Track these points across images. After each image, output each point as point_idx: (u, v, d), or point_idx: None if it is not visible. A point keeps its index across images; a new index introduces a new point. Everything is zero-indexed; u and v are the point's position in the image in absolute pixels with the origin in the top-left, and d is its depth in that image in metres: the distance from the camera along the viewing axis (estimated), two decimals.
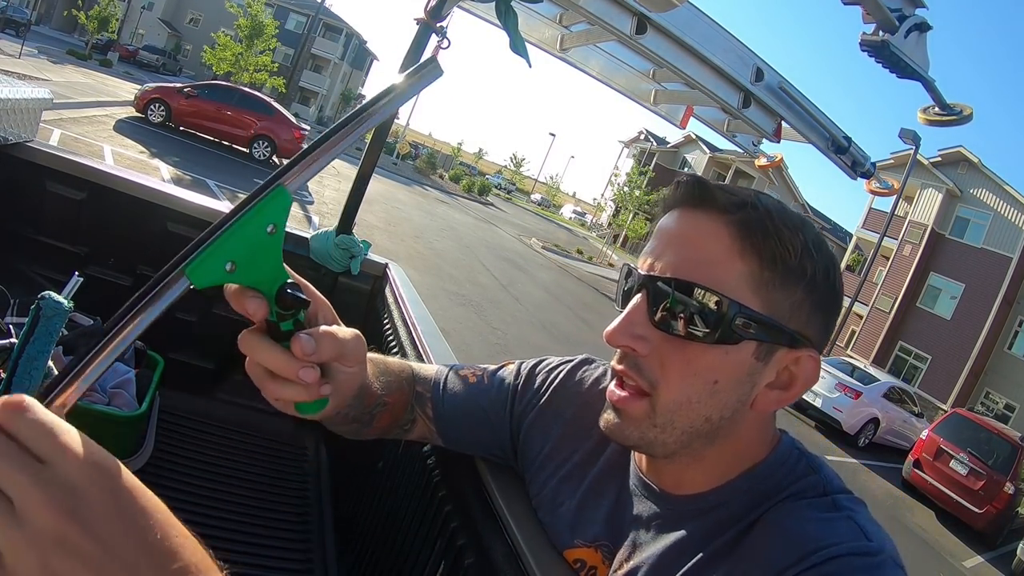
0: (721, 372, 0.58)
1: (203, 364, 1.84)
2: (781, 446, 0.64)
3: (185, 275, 0.41)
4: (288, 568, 1.40)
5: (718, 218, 0.59)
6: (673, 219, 0.62)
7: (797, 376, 0.61)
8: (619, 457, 0.74)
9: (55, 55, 20.40)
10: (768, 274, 0.58)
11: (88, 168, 1.74)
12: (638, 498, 0.69)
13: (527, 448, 0.83)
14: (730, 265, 0.58)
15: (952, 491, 9.58)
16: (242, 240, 0.43)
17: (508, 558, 0.76)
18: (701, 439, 0.61)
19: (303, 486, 1.70)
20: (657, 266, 0.61)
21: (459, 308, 8.57)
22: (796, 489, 0.59)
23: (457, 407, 0.86)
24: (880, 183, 3.12)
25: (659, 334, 0.59)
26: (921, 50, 1.72)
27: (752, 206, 0.59)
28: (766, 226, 0.58)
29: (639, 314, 0.60)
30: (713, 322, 0.57)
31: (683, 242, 0.60)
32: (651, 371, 0.60)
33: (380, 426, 0.82)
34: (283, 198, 0.44)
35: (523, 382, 0.87)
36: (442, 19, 1.68)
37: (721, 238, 0.58)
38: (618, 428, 0.63)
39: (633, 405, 0.61)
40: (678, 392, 0.59)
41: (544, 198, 69.27)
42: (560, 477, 0.78)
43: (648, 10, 1.45)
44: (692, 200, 0.61)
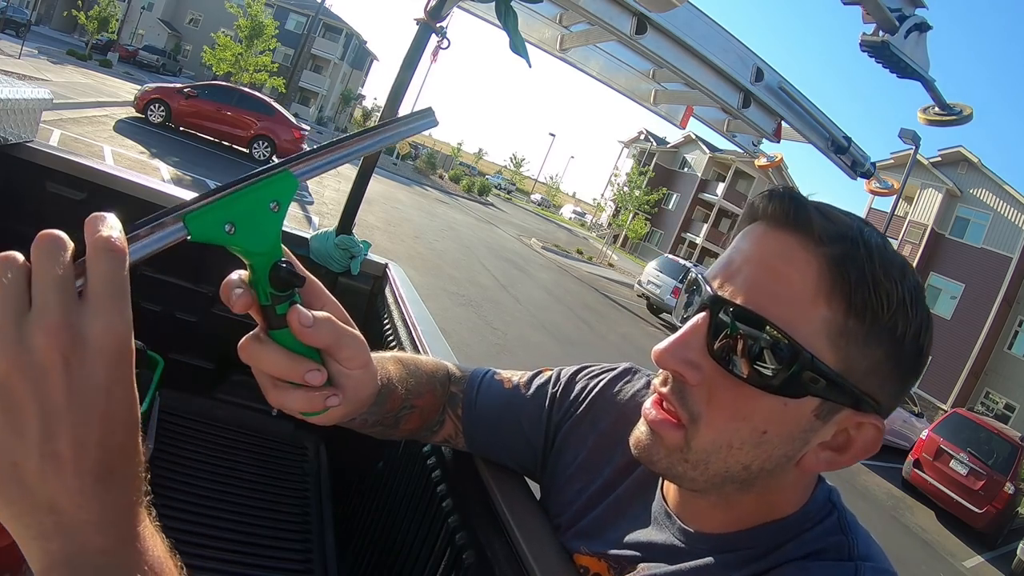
0: (773, 423, 0.52)
1: (203, 364, 1.84)
2: (816, 496, 0.58)
3: (183, 222, 0.41)
4: (288, 568, 1.40)
5: (810, 248, 0.51)
6: (757, 236, 0.55)
7: (855, 441, 0.54)
8: (649, 477, 0.71)
9: (55, 55, 20.40)
10: (853, 325, 0.50)
11: (88, 168, 1.74)
12: (657, 524, 0.65)
13: (560, 457, 0.80)
14: (812, 307, 0.50)
15: (952, 491, 9.58)
16: (246, 204, 0.43)
17: (508, 558, 0.76)
18: (735, 484, 0.55)
19: (303, 486, 1.70)
20: (728, 288, 0.53)
21: (459, 308, 8.57)
22: (819, 547, 0.54)
23: (490, 411, 0.83)
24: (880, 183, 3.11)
25: (713, 365, 0.52)
26: (921, 50, 1.72)
27: (852, 241, 0.51)
28: (863, 268, 0.50)
29: (696, 337, 0.53)
30: (778, 369, 0.50)
31: (763, 267, 0.52)
32: (696, 403, 0.54)
33: (408, 428, 0.79)
34: (290, 181, 0.44)
35: (562, 389, 0.83)
36: (442, 19, 1.68)
37: (808, 273, 0.50)
38: (647, 450, 0.57)
39: (668, 430, 0.55)
40: (719, 434, 0.53)
41: (544, 198, 69.29)
42: (592, 491, 0.74)
43: (648, 10, 1.45)
44: (784, 219, 0.53)
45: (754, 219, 0.56)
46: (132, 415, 0.35)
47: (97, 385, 0.33)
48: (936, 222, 24.60)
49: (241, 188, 0.43)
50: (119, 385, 0.34)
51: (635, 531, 0.67)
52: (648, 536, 0.65)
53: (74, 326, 0.33)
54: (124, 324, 0.35)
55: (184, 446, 1.63)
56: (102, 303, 0.34)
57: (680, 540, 0.62)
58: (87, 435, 0.33)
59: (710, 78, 1.65)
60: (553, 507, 0.79)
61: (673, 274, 15.68)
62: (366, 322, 1.86)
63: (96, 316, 0.34)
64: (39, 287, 0.33)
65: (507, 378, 0.86)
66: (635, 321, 14.99)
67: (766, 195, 0.55)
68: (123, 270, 0.35)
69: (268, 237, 0.45)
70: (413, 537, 1.02)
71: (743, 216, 0.59)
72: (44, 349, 0.32)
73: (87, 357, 0.33)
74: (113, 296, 0.34)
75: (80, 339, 0.33)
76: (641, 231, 34.36)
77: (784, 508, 0.57)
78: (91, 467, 0.33)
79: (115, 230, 0.36)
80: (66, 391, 0.32)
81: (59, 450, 0.32)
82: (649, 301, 16.52)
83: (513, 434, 0.83)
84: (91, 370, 0.33)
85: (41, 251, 0.34)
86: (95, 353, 0.33)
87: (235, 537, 1.41)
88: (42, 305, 0.33)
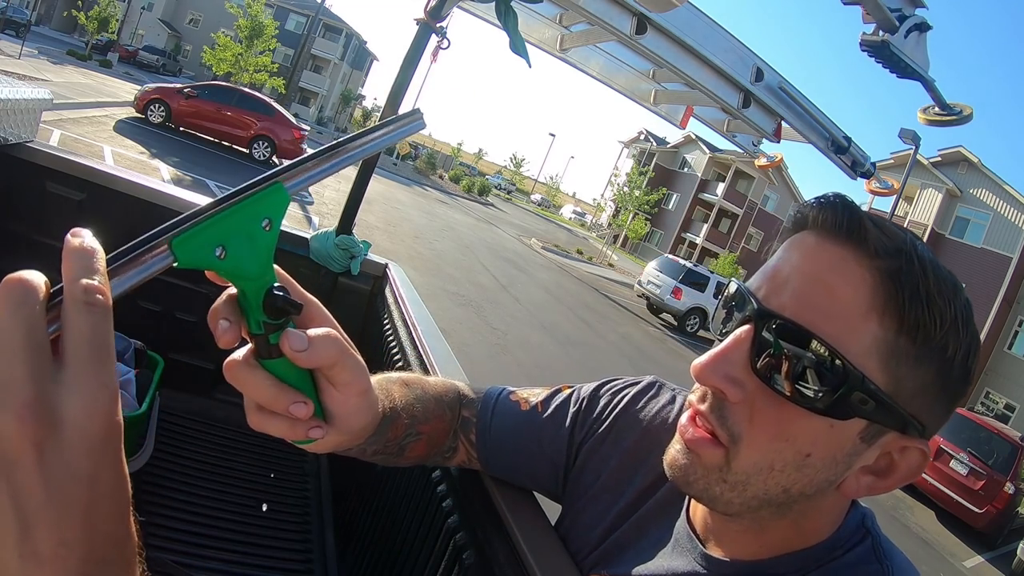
0: (817, 446, 0.49)
1: (203, 364, 1.84)
2: (848, 521, 0.56)
3: (170, 248, 0.36)
4: (288, 568, 1.40)
5: (864, 261, 0.48)
6: (807, 246, 0.51)
7: (898, 466, 0.51)
8: (673, 497, 0.68)
9: (55, 56, 20.40)
10: (904, 344, 0.47)
11: (88, 168, 1.74)
12: (679, 548, 0.63)
13: (582, 476, 0.77)
14: (864, 325, 0.47)
15: (952, 491, 9.58)
16: (237, 224, 0.39)
17: (508, 558, 0.76)
18: (771, 508, 0.52)
19: (303, 486, 1.70)
20: (775, 300, 0.50)
21: (459, 308, 8.57)
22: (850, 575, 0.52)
23: (507, 435, 0.80)
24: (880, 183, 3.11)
25: (757, 382, 0.50)
26: (921, 50, 1.72)
27: (907, 255, 0.48)
28: (917, 285, 0.47)
29: (739, 353, 0.50)
30: (827, 389, 0.47)
31: (813, 280, 0.49)
32: (737, 422, 0.51)
33: (414, 455, 0.76)
34: (281, 195, 0.41)
35: (584, 406, 0.80)
36: (442, 19, 1.68)
37: (861, 288, 0.48)
38: (683, 471, 0.53)
39: (706, 449, 0.52)
40: (761, 455, 0.50)
41: (544, 198, 69.29)
42: (614, 512, 0.72)
43: (648, 10, 1.45)
44: (837, 229, 0.50)
45: (802, 227, 0.53)
46: (122, 498, 0.31)
47: (78, 475, 0.29)
48: (936, 222, 24.60)
49: (230, 206, 0.39)
50: (106, 471, 0.30)
51: (656, 554, 0.65)
52: (669, 561, 0.63)
53: (48, 404, 0.28)
54: (108, 397, 0.30)
55: (184, 446, 1.63)
56: (82, 373, 0.29)
57: (702, 566, 0.59)
58: (70, 531, 0.29)
59: (710, 78, 1.65)
60: (573, 529, 0.76)
61: (673, 274, 15.69)
62: (366, 322, 1.86)
63: (75, 390, 0.29)
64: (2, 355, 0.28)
65: (523, 399, 0.83)
66: (635, 321, 14.99)
67: (817, 203, 0.52)
68: (107, 325, 0.30)
69: (261, 259, 0.42)
70: (413, 537, 1.02)
71: (790, 223, 0.55)
72: (13, 436, 0.27)
73: (65, 443, 0.28)
74: (95, 362, 0.29)
75: (56, 421, 0.28)
76: (641, 231, 34.36)
77: (817, 534, 0.55)
78: (77, 565, 0.29)
79: (97, 273, 0.31)
80: (43, 485, 0.28)
81: (39, 551, 0.28)
82: (649, 301, 16.52)
83: (532, 457, 0.80)
84: (70, 458, 0.28)
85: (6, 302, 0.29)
86: (75, 438, 0.29)
87: (235, 537, 1.41)
88: (7, 380, 0.27)
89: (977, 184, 24.48)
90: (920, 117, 2.16)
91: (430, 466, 1.03)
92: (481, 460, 0.82)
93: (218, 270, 0.40)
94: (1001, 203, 23.72)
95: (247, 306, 0.43)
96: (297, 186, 0.43)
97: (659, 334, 14.43)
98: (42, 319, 0.29)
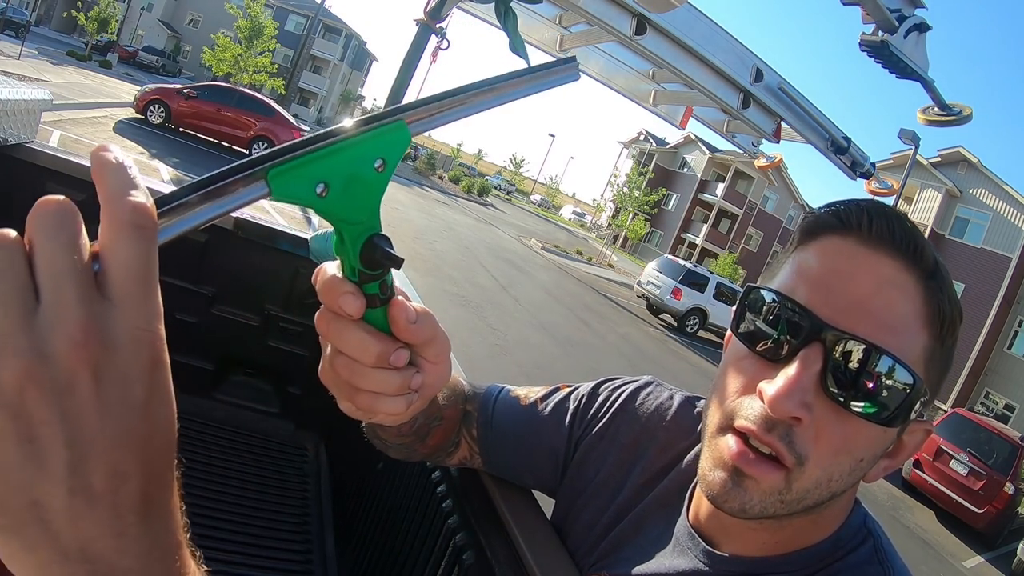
0: (870, 450, 0.51)
1: (203, 364, 1.84)
2: (851, 522, 0.57)
3: (265, 179, 0.32)
4: (288, 568, 1.40)
5: (914, 272, 0.49)
6: (860, 257, 0.50)
7: (907, 445, 0.54)
8: (671, 498, 0.68)
9: (55, 56, 20.40)
10: (938, 348, 0.50)
11: (88, 169, 1.73)
12: (680, 547, 0.62)
13: (580, 471, 0.77)
14: (917, 336, 0.49)
15: (952, 491, 9.58)
16: (347, 160, 0.35)
17: (508, 558, 0.76)
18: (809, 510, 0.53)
19: (303, 486, 1.70)
20: (842, 318, 0.49)
21: (459, 309, 8.57)
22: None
23: (508, 429, 0.80)
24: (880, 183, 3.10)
25: (827, 403, 0.49)
26: (920, 50, 1.72)
27: (941, 265, 0.50)
28: (948, 295, 0.50)
29: (810, 377, 0.48)
30: (897, 403, 0.48)
31: (874, 294, 0.49)
32: (804, 444, 0.49)
33: (433, 444, 0.77)
34: (403, 133, 0.37)
35: (583, 403, 0.81)
36: (442, 20, 1.68)
37: (916, 300, 0.49)
38: (736, 499, 0.50)
39: (767, 475, 0.49)
40: (823, 471, 0.50)
41: (544, 199, 69.31)
42: (612, 509, 0.72)
43: (647, 11, 1.45)
44: (891, 239, 0.50)
45: (837, 232, 0.52)
46: (171, 435, 0.30)
47: (134, 403, 0.27)
48: (936, 222, 24.61)
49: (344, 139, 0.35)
50: (157, 400, 0.28)
51: (656, 552, 0.65)
52: (670, 559, 0.63)
53: (101, 326, 0.26)
54: (158, 322, 0.28)
55: (183, 447, 1.61)
56: (131, 296, 0.27)
57: (704, 563, 0.59)
58: (125, 463, 0.27)
59: (710, 78, 1.65)
60: (573, 526, 0.77)
61: (673, 275, 15.68)
62: None
63: (125, 313, 0.26)
64: (49, 276, 0.25)
65: (523, 395, 0.83)
66: (635, 322, 14.99)
67: (863, 210, 0.51)
68: (153, 250, 0.28)
69: (368, 203, 0.37)
70: (413, 538, 1.02)
71: (820, 225, 0.54)
72: (67, 357, 0.25)
73: (120, 366, 0.26)
74: (144, 287, 0.27)
75: (110, 344, 0.26)
76: (641, 232, 34.37)
77: (831, 524, 0.56)
78: (131, 503, 0.27)
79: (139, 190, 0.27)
80: (98, 410, 0.26)
81: (92, 484, 0.26)
82: (649, 302, 16.51)
83: (533, 451, 0.80)
84: (126, 384, 0.26)
85: (45, 226, 0.27)
86: (129, 360, 0.26)
87: (235, 538, 1.41)
88: (57, 301, 0.25)
89: (977, 184, 24.49)
90: (919, 117, 2.16)
91: (431, 465, 1.03)
92: (482, 454, 0.82)
93: (317, 208, 0.35)
94: (1001, 203, 23.73)
95: (344, 251, 0.39)
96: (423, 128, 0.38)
97: (659, 334, 14.43)
98: (85, 240, 0.27)
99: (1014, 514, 9.76)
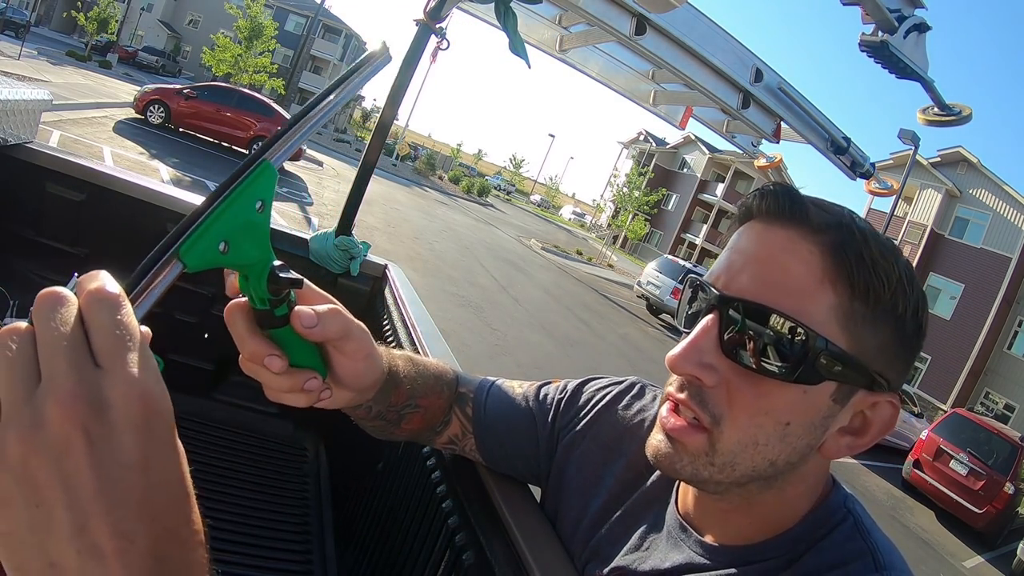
0: (795, 414, 0.52)
1: (202, 365, 1.84)
2: (831, 501, 0.58)
3: (179, 257, 0.38)
4: (288, 569, 1.40)
5: (809, 238, 0.53)
6: (755, 233, 0.55)
7: (872, 422, 0.55)
8: (658, 492, 0.70)
9: (54, 56, 20.39)
10: (859, 308, 0.51)
11: (88, 169, 1.74)
12: (671, 539, 0.64)
13: (563, 469, 0.79)
14: (819, 294, 0.51)
15: (952, 491, 9.58)
16: (235, 216, 0.40)
17: (508, 558, 0.76)
18: (759, 482, 0.55)
19: (303, 487, 1.70)
20: (733, 286, 0.54)
21: (458, 309, 8.57)
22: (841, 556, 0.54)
23: (500, 413, 0.83)
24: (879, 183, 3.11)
25: (729, 364, 0.53)
26: (920, 50, 1.73)
27: (847, 228, 0.53)
28: (861, 253, 0.51)
29: (709, 340, 0.53)
30: (795, 358, 0.51)
31: (767, 262, 0.53)
32: (716, 405, 0.53)
33: (410, 428, 0.79)
34: (270, 173, 0.42)
35: (568, 397, 0.83)
36: (441, 20, 1.68)
37: (811, 262, 0.52)
38: (668, 459, 0.56)
39: (690, 437, 0.54)
40: (744, 432, 0.53)
41: (543, 199, 69.32)
42: (597, 506, 0.74)
43: (647, 11, 1.45)
44: (780, 214, 0.54)
45: (748, 218, 0.58)
46: (180, 489, 0.31)
47: (128, 462, 0.29)
48: (935, 222, 24.62)
49: (226, 198, 0.40)
50: (158, 457, 0.30)
51: (649, 547, 0.66)
52: (664, 553, 0.64)
53: (90, 390, 0.28)
54: (148, 380, 0.30)
55: (183, 447, 1.63)
56: (114, 360, 0.30)
57: (699, 554, 0.61)
58: (125, 522, 0.28)
59: (709, 79, 1.65)
60: (560, 525, 0.78)
61: (673, 275, 15.68)
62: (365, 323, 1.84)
63: (112, 377, 0.29)
64: (45, 354, 0.29)
65: (518, 383, 0.87)
66: (634, 322, 14.99)
67: (759, 194, 0.57)
68: (124, 317, 0.31)
69: (261, 242, 0.43)
70: (413, 538, 1.02)
71: (737, 217, 0.60)
72: (59, 422, 0.27)
73: (112, 427, 0.28)
74: (124, 348, 0.30)
75: (100, 406, 0.28)
76: (640, 232, 34.36)
77: (801, 503, 0.58)
78: (138, 561, 0.28)
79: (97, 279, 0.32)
80: (94, 472, 0.28)
81: (99, 544, 0.27)
82: (648, 302, 16.52)
83: (523, 437, 0.82)
84: (118, 443, 0.29)
85: (41, 312, 0.30)
86: (120, 422, 0.29)
87: (234, 538, 1.41)
88: (51, 373, 0.28)
89: (976, 184, 24.49)
90: (919, 117, 2.16)
91: (431, 465, 1.03)
92: (475, 434, 0.84)
93: (225, 264, 0.41)
94: (1000, 203, 23.73)
95: (250, 287, 0.45)
96: (282, 158, 0.43)
97: (658, 334, 14.43)
98: (76, 319, 0.30)
99: (1014, 514, 9.76)
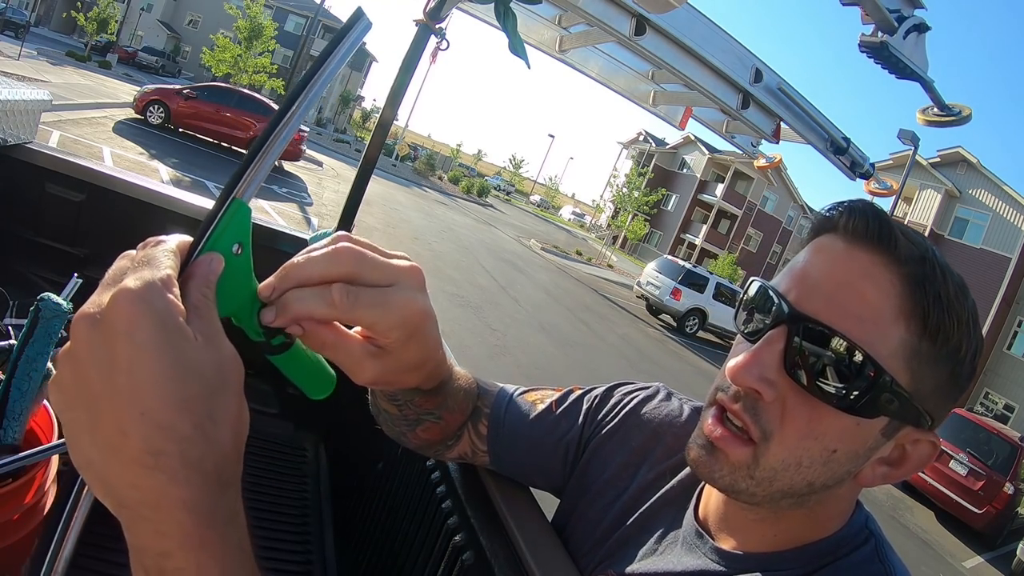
0: (843, 442, 0.52)
1: None
2: (854, 521, 0.58)
3: None
4: (287, 569, 1.40)
5: (892, 267, 0.50)
6: (837, 251, 0.53)
7: (910, 457, 0.54)
8: (677, 496, 0.69)
9: (54, 57, 20.39)
10: (926, 347, 0.50)
11: (87, 170, 1.74)
12: (687, 545, 0.64)
13: (587, 471, 0.79)
14: (891, 328, 0.50)
15: (952, 491, 9.58)
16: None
17: (508, 558, 0.76)
18: (792, 499, 0.55)
19: (303, 487, 1.70)
20: (806, 304, 0.52)
21: (458, 309, 8.57)
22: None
23: (520, 429, 0.81)
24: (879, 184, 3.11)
25: (788, 382, 0.52)
26: (920, 51, 1.73)
27: (930, 263, 0.51)
28: (939, 291, 0.50)
29: (772, 354, 0.52)
30: (859, 390, 0.49)
31: (845, 285, 0.51)
32: (769, 421, 0.52)
33: (425, 438, 0.76)
34: (242, 212, 0.39)
35: (596, 403, 0.82)
36: (441, 20, 1.68)
37: (891, 294, 0.50)
38: (707, 466, 0.55)
39: (735, 449, 0.53)
40: (790, 452, 0.52)
41: (543, 199, 69.37)
42: (618, 508, 0.73)
43: (647, 11, 1.45)
44: (868, 236, 0.52)
45: (828, 231, 0.55)
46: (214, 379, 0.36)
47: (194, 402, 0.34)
48: (935, 223, 24.63)
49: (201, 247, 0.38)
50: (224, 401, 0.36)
51: (663, 551, 0.66)
52: (679, 557, 0.63)
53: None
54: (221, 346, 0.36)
55: None
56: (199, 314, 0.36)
57: (713, 560, 0.60)
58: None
59: (709, 79, 1.65)
60: (578, 524, 0.77)
61: (672, 275, 15.69)
62: None
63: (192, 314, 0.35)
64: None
65: (537, 397, 0.84)
66: (634, 322, 14.99)
67: (847, 209, 0.54)
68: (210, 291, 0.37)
69: (245, 285, 0.40)
70: (413, 538, 1.02)
71: (815, 226, 0.57)
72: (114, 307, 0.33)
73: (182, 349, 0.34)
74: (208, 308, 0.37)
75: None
76: (640, 232, 34.37)
77: (829, 523, 0.57)
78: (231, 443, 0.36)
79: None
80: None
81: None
82: (648, 302, 16.52)
83: (546, 451, 0.81)
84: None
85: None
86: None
87: None
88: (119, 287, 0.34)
89: (976, 185, 24.51)
90: (919, 118, 2.16)
91: (431, 465, 1.03)
92: (491, 453, 0.81)
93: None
94: (1000, 203, 23.75)
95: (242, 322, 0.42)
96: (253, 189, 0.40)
97: (658, 335, 14.43)
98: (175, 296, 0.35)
99: (1014, 514, 9.77)
